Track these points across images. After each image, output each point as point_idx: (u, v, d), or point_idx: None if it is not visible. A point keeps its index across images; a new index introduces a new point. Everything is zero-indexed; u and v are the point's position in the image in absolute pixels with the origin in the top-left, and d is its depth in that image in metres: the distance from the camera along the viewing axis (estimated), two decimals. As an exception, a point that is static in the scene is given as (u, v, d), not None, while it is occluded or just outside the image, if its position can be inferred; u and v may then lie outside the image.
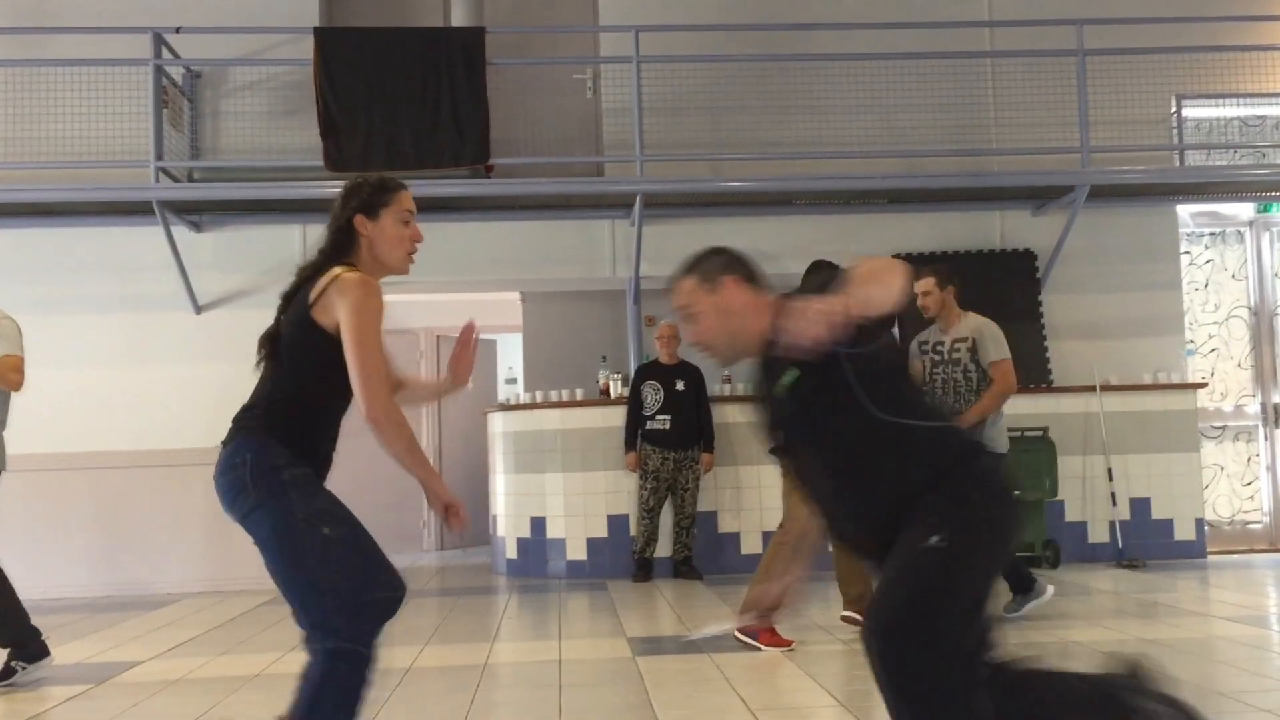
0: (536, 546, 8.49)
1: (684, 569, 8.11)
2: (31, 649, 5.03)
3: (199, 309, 8.68)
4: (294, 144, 8.50)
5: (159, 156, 8.07)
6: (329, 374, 2.86)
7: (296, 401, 2.92)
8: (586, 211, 8.96)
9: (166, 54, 8.38)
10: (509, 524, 8.71)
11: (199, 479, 3.51)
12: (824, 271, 4.41)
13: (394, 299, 3.22)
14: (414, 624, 6.37)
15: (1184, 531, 8.52)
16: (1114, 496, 8.39)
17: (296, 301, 2.91)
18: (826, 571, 5.69)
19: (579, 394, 8.57)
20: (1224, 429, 9.35)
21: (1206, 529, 8.66)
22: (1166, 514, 8.53)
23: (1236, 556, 8.81)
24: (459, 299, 9.69)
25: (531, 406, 8.63)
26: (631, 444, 8.16)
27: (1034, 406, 8.30)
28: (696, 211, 8.95)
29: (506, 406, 8.99)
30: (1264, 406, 9.38)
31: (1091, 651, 4.95)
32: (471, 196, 8.55)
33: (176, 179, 8.57)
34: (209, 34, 8.60)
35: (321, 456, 2.97)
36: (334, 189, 3.09)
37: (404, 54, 8.19)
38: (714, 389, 8.46)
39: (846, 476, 2.55)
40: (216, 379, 8.24)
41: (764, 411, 2.71)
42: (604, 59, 8.86)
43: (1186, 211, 9.34)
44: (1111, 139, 8.78)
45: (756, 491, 8.27)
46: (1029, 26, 8.91)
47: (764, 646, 5.26)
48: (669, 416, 8.12)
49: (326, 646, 2.76)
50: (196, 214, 8.68)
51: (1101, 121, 8.74)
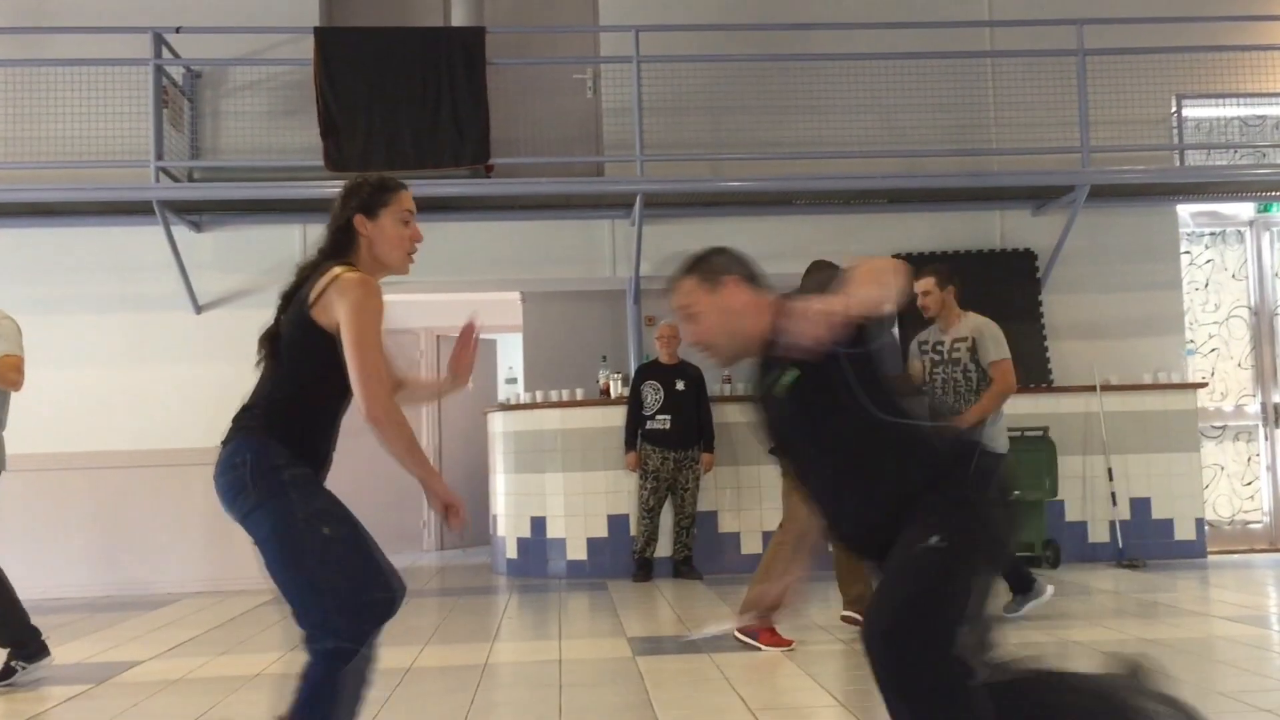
0: (537, 546, 8.49)
1: (684, 569, 8.12)
2: (31, 648, 5.03)
3: (199, 309, 8.69)
4: (294, 144, 8.51)
5: (159, 156, 8.07)
6: (328, 374, 2.85)
7: (296, 401, 2.91)
8: (586, 211, 8.97)
9: (166, 54, 8.38)
10: (509, 524, 8.71)
11: (199, 479, 3.51)
12: (824, 271, 4.40)
13: (394, 299, 3.22)
14: (414, 624, 6.37)
15: (1184, 531, 8.52)
16: (1114, 496, 8.39)
17: (296, 301, 2.91)
18: (826, 571, 5.69)
19: (579, 394, 8.57)
20: (1224, 429, 9.35)
21: (1207, 529, 8.66)
22: (1167, 514, 8.53)
23: (1237, 556, 8.81)
24: (459, 299, 9.69)
25: (532, 406, 8.63)
26: (631, 444, 8.16)
27: (1034, 406, 8.30)
28: (696, 211, 8.95)
29: (507, 406, 8.99)
30: (1264, 406, 9.38)
31: (1092, 651, 4.95)
32: (471, 196, 8.55)
33: (176, 179, 8.57)
34: (209, 34, 8.60)
35: (321, 456, 2.97)
36: (334, 189, 3.09)
37: (404, 54, 8.20)
38: (714, 389, 8.46)
39: (846, 476, 2.55)
40: (216, 379, 8.24)
41: (763, 411, 2.71)
42: (604, 59, 8.86)
43: (1187, 211, 9.34)
44: (1112, 139, 8.78)
45: (756, 491, 8.27)
46: (1029, 26, 8.92)
47: (764, 646, 5.26)
48: (669, 416, 8.12)
49: (326, 647, 2.76)
50: (197, 214, 8.68)
51: (1101, 121, 8.74)
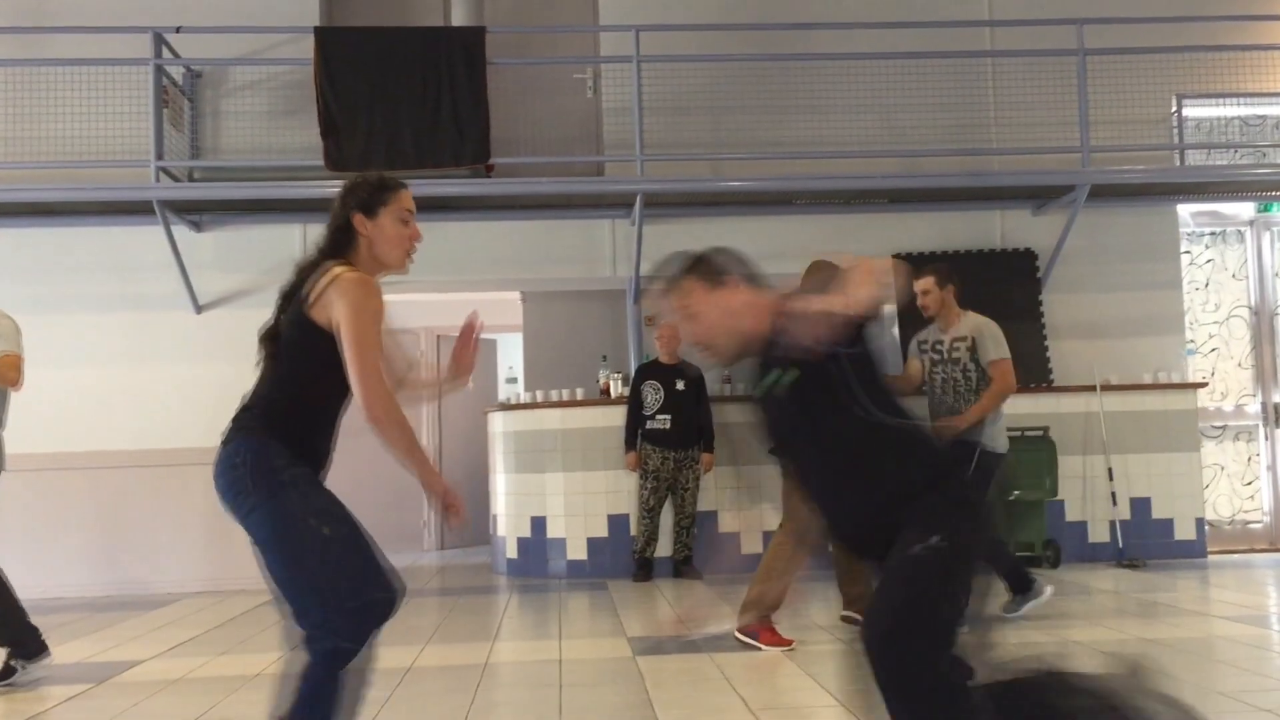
0: (537, 546, 8.49)
1: (684, 569, 8.12)
2: (30, 647, 5.03)
3: (199, 309, 8.68)
4: (294, 143, 8.50)
5: (159, 156, 8.07)
6: (327, 373, 2.86)
7: (295, 401, 2.92)
8: (587, 211, 8.96)
9: (167, 53, 8.38)
10: (509, 524, 8.71)
11: (199, 479, 3.51)
12: (824, 271, 4.41)
13: (394, 298, 3.21)
14: (414, 624, 6.37)
15: (1184, 531, 8.52)
16: (1114, 496, 8.38)
17: (294, 300, 2.91)
18: (826, 571, 5.70)
19: (579, 394, 8.57)
20: (1224, 429, 9.35)
21: (1207, 529, 8.66)
22: (1167, 514, 8.52)
23: (1237, 556, 8.80)
24: (459, 299, 9.66)
25: (532, 406, 8.63)
26: (631, 444, 8.16)
27: (1034, 406, 8.30)
28: (697, 211, 8.94)
29: (507, 406, 8.98)
30: (1264, 406, 9.37)
31: (1092, 651, 4.95)
32: (472, 196, 8.55)
33: (177, 178, 8.57)
34: (209, 33, 8.60)
35: (321, 456, 2.98)
36: (334, 188, 3.09)
37: (404, 53, 8.20)
38: (714, 389, 8.46)
39: (846, 476, 2.54)
40: (217, 379, 8.24)
41: (762, 412, 2.70)
42: (604, 59, 8.86)
43: (1187, 211, 9.34)
44: (1112, 138, 8.78)
45: (757, 491, 8.27)
46: (1029, 26, 8.91)
47: (764, 646, 5.26)
48: (669, 416, 8.12)
49: (327, 647, 2.76)
50: (197, 213, 8.68)
51: (1102, 121, 8.74)
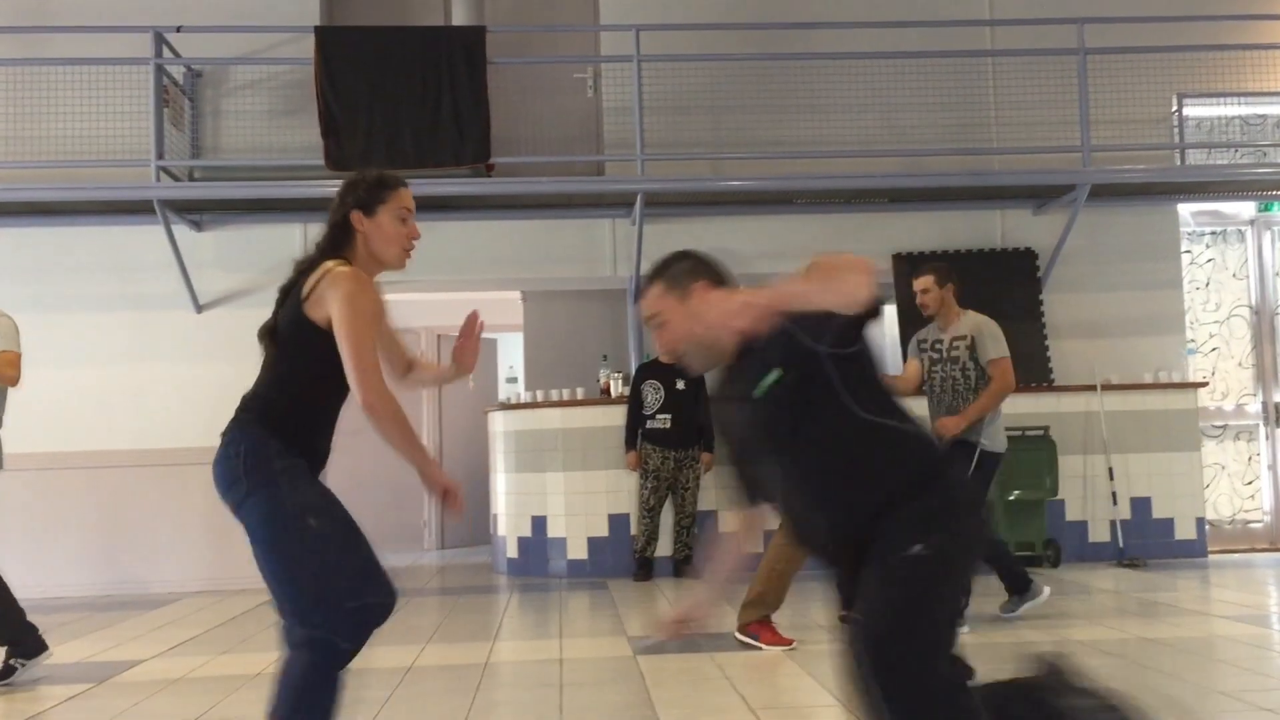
0: (537, 546, 8.48)
1: (685, 568, 8.11)
2: (29, 644, 5.03)
3: (200, 308, 8.68)
4: (295, 143, 8.50)
5: (160, 155, 8.07)
6: (326, 372, 2.87)
7: (293, 397, 2.94)
8: (587, 210, 8.96)
9: (167, 53, 8.37)
10: (510, 523, 8.70)
11: (199, 478, 3.51)
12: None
13: (394, 298, 3.22)
14: (414, 623, 6.37)
15: (1185, 531, 8.51)
16: (1115, 496, 8.38)
17: (291, 297, 2.93)
18: (826, 571, 5.68)
19: (580, 393, 8.57)
20: (1225, 428, 9.34)
21: (1207, 528, 8.65)
22: (1167, 513, 8.52)
23: (1237, 556, 8.80)
24: (459, 298, 9.65)
25: (532, 406, 8.63)
26: (632, 443, 8.15)
27: (1035, 405, 8.30)
28: (697, 210, 8.94)
29: (507, 405, 8.98)
30: (1265, 406, 9.37)
31: (1092, 650, 4.95)
32: (472, 195, 8.55)
33: (177, 178, 8.57)
34: (210, 33, 8.59)
35: (319, 454, 2.99)
36: (335, 188, 3.10)
37: (405, 53, 8.19)
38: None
39: (827, 478, 2.47)
40: (217, 378, 8.23)
41: (735, 415, 2.59)
42: (605, 58, 8.86)
43: (1187, 210, 9.33)
44: (1112, 138, 8.78)
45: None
46: (1030, 25, 8.90)
47: (765, 646, 5.26)
48: (669, 416, 8.11)
49: (308, 637, 2.77)
50: (197, 213, 8.68)
51: (1102, 120, 8.73)
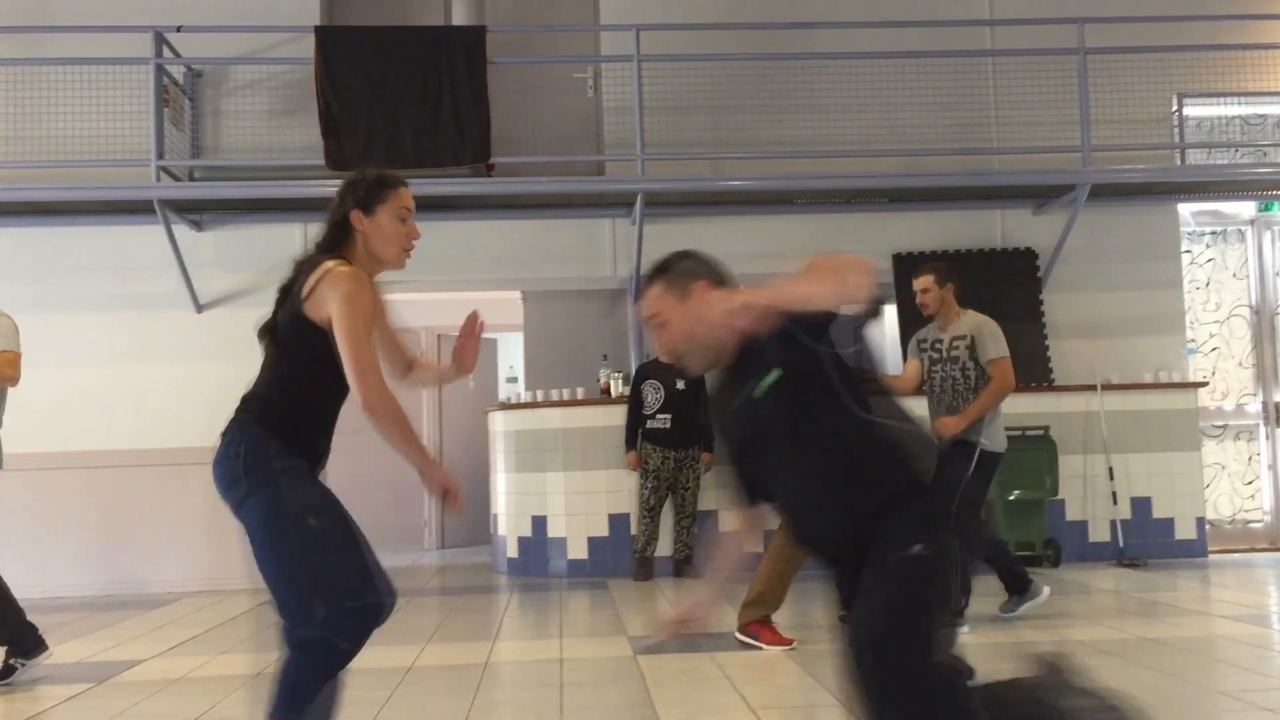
0: (537, 545, 8.48)
1: (685, 568, 8.11)
2: (28, 643, 5.03)
3: (200, 308, 8.68)
4: (295, 143, 8.50)
5: (160, 155, 8.07)
6: (325, 371, 2.87)
7: (293, 397, 2.94)
8: (587, 210, 8.96)
9: (167, 53, 8.37)
10: (510, 523, 8.70)
11: (199, 478, 3.50)
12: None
13: (394, 298, 3.23)
14: (415, 623, 6.37)
15: (1185, 530, 8.51)
16: (1115, 495, 8.38)
17: (290, 296, 2.93)
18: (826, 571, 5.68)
19: (580, 393, 8.57)
20: (1225, 428, 9.34)
21: (1207, 528, 8.65)
22: (1167, 513, 8.52)
23: (1237, 555, 8.80)
24: (459, 298, 9.65)
25: (532, 405, 8.63)
26: (632, 443, 8.15)
27: (1035, 405, 8.30)
28: (697, 210, 8.94)
29: (507, 405, 8.98)
30: (1265, 405, 9.37)
31: (1092, 650, 4.95)
32: (472, 195, 8.55)
33: (177, 178, 8.57)
34: (210, 33, 8.59)
35: (319, 454, 2.99)
36: (335, 188, 3.10)
37: (405, 53, 8.19)
38: (715, 388, 8.44)
39: (826, 478, 2.47)
40: (217, 378, 8.22)
41: (735, 415, 2.58)
42: (605, 58, 8.86)
43: (1188, 210, 9.33)
44: (1112, 138, 8.78)
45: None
46: (1030, 25, 8.90)
47: (765, 645, 5.26)
48: (669, 415, 8.11)
49: (308, 637, 2.77)
50: (197, 213, 8.68)
51: (1102, 120, 8.73)
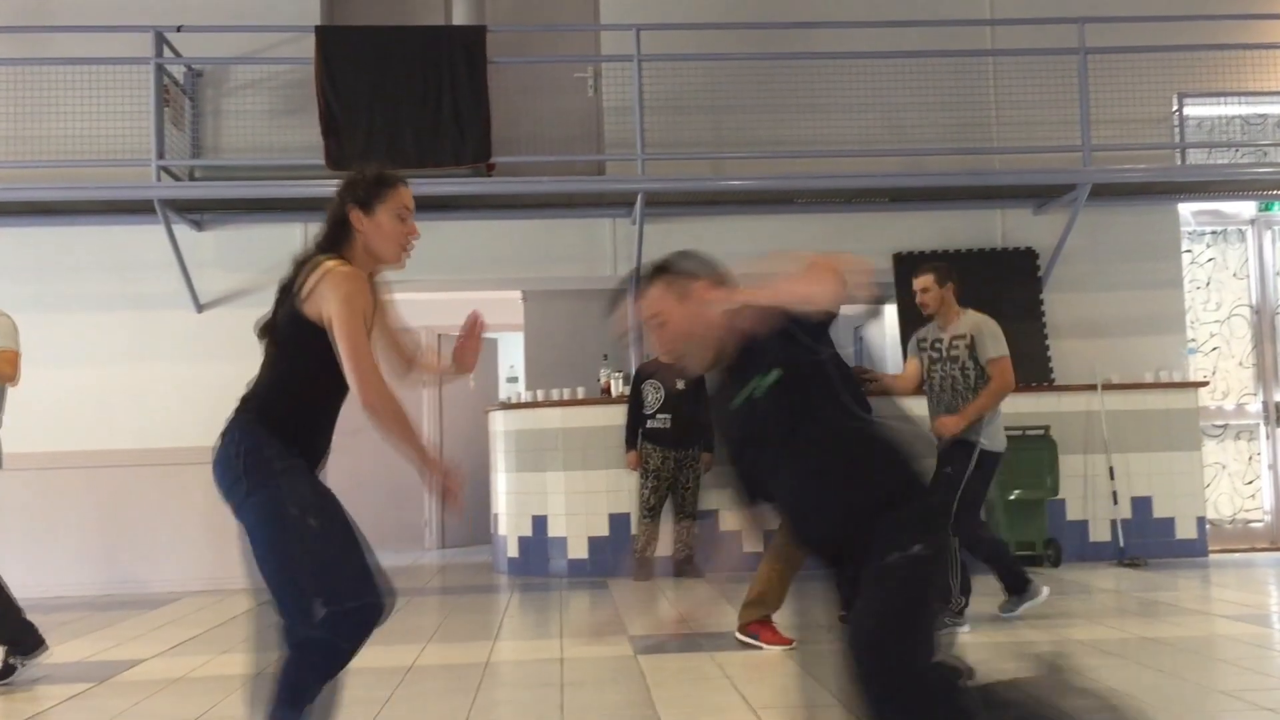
0: (538, 545, 8.48)
1: (685, 568, 8.11)
2: (28, 642, 5.03)
3: (200, 308, 8.68)
4: (295, 142, 8.50)
5: (160, 155, 8.07)
6: (323, 368, 2.87)
7: (293, 396, 2.95)
8: (588, 210, 8.96)
9: (168, 52, 8.37)
10: (510, 523, 8.70)
11: (199, 478, 3.51)
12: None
13: (394, 298, 3.23)
14: (415, 623, 6.37)
15: (1185, 530, 8.51)
16: (1115, 495, 8.38)
17: (288, 295, 2.94)
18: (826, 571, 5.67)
19: (580, 393, 8.57)
20: (1225, 428, 9.34)
21: (1208, 528, 8.65)
22: (1168, 513, 8.52)
23: (1238, 555, 8.80)
24: (460, 298, 9.66)
25: (533, 405, 8.63)
26: (632, 443, 8.15)
27: (1035, 405, 8.30)
28: (698, 210, 8.94)
29: (508, 405, 8.98)
30: (1265, 405, 9.36)
31: (1092, 650, 4.95)
32: (473, 195, 8.54)
33: (178, 177, 8.57)
34: (210, 32, 8.59)
35: (318, 453, 3.00)
36: (335, 187, 3.10)
37: (405, 53, 8.19)
38: (715, 388, 8.44)
39: (826, 478, 2.47)
40: (217, 378, 8.20)
41: (734, 416, 2.58)
42: (605, 58, 8.86)
43: (1188, 210, 9.32)
44: (1113, 137, 8.77)
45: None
46: (1030, 25, 8.90)
47: (765, 645, 5.26)
48: (669, 415, 8.11)
49: (308, 636, 2.77)
50: (198, 212, 8.68)
51: (1103, 120, 8.72)
